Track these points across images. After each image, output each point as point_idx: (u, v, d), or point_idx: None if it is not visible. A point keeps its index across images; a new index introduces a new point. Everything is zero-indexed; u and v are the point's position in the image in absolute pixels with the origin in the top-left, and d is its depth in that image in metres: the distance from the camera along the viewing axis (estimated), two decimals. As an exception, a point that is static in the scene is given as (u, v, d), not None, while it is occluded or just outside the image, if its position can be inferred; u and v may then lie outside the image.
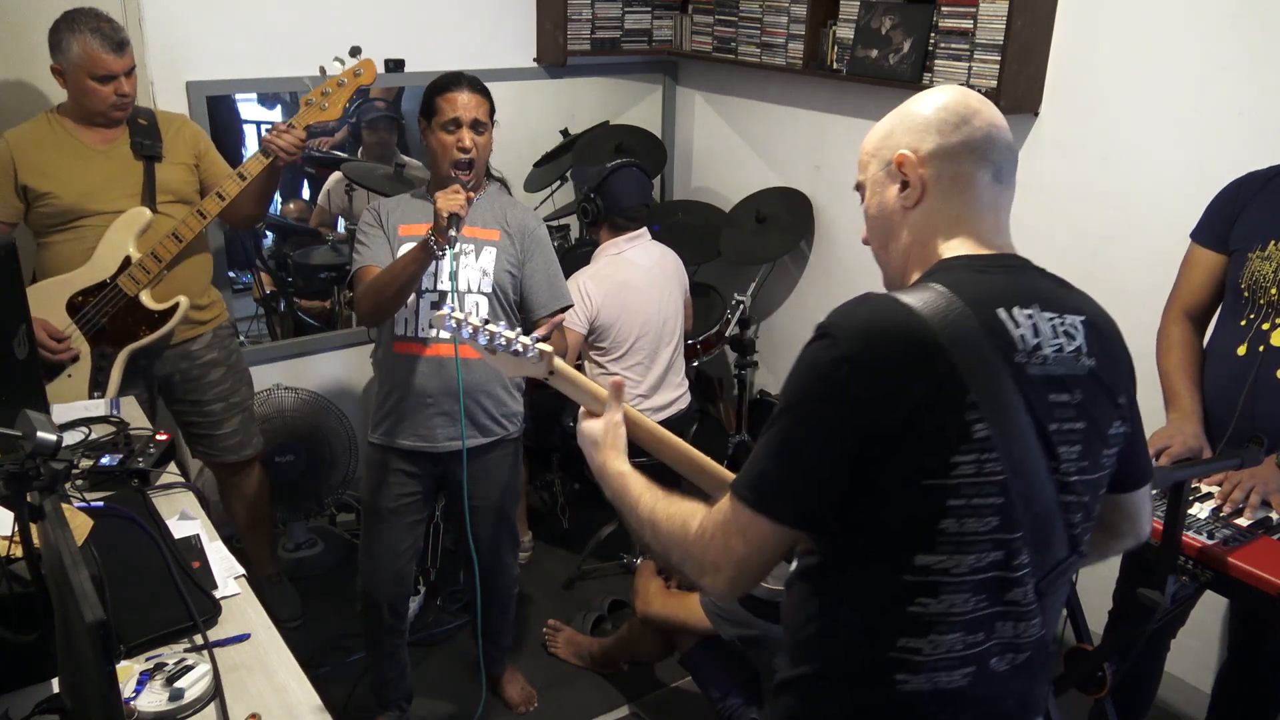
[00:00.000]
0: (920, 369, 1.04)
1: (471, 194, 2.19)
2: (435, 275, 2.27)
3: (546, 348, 1.40)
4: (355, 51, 2.47)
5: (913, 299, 1.07)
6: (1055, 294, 1.16)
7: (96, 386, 2.54)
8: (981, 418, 1.03)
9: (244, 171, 2.49)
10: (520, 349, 1.39)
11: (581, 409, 1.44)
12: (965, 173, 1.17)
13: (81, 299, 2.50)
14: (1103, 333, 1.17)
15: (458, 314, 1.44)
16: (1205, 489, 1.95)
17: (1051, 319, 1.12)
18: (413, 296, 2.27)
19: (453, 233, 2.11)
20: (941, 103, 1.18)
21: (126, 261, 2.50)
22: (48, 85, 2.65)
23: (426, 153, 2.33)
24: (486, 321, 1.41)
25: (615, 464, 1.36)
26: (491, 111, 2.30)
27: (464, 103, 2.25)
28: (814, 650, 1.17)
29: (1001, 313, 1.09)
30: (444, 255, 2.16)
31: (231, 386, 2.84)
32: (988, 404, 1.03)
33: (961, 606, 1.08)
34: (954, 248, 1.17)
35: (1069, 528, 1.13)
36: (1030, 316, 1.11)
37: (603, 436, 1.38)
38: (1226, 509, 1.86)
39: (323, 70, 2.46)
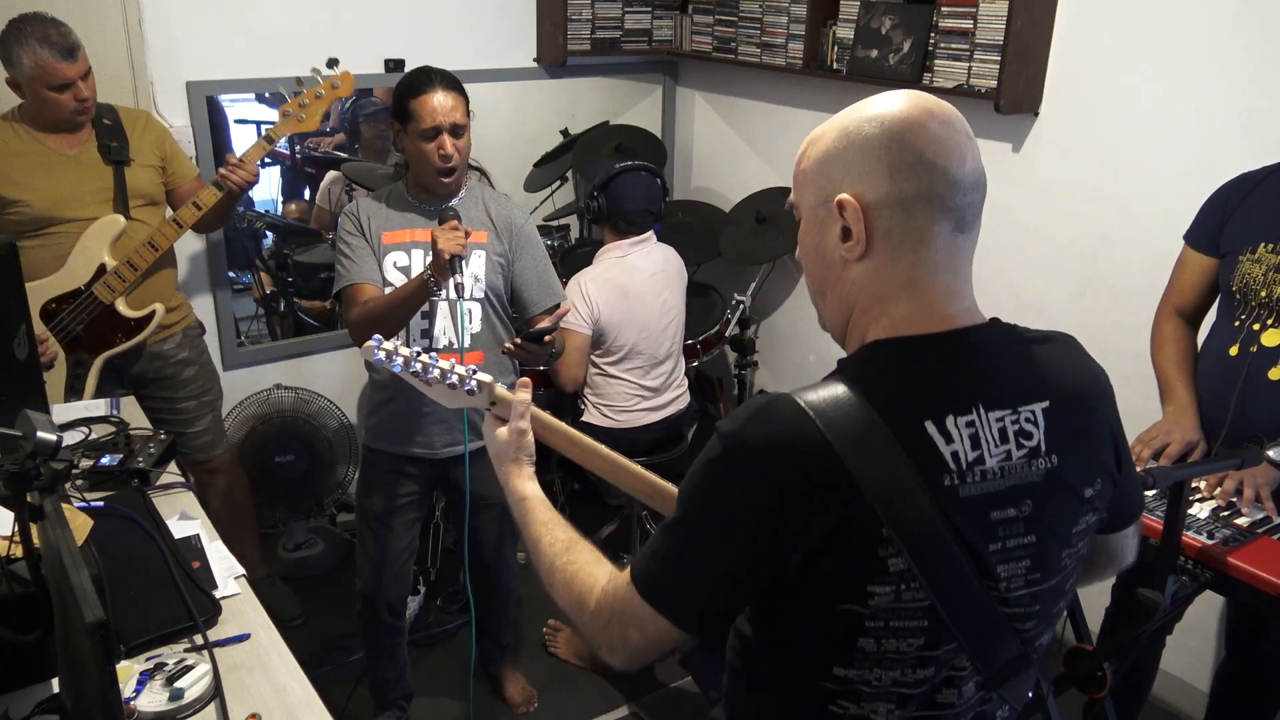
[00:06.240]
0: (824, 500, 0.91)
1: (469, 230, 2.15)
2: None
3: (486, 378, 1.32)
4: (333, 63, 2.48)
5: (822, 408, 0.93)
6: (1012, 378, 1.00)
7: (73, 392, 2.53)
8: (898, 551, 0.91)
9: (199, 201, 2.50)
10: (456, 381, 1.30)
11: (488, 415, 1.29)
12: (920, 228, 0.97)
13: (55, 306, 2.49)
14: (1073, 410, 1.01)
15: (386, 345, 1.35)
16: (1201, 490, 1.95)
17: (1001, 419, 0.97)
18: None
19: (457, 278, 2.09)
20: (895, 130, 0.97)
21: (101, 269, 2.49)
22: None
23: (406, 154, 2.28)
24: (419, 353, 1.33)
25: (517, 483, 1.22)
26: (467, 106, 2.23)
27: (439, 106, 2.15)
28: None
29: (930, 427, 0.94)
30: (440, 292, 2.13)
31: (204, 385, 2.86)
32: (904, 538, 0.91)
33: (886, 717, 1.00)
34: (898, 318, 0.99)
35: (1019, 633, 1.02)
36: (971, 424, 0.95)
37: (504, 448, 1.24)
38: (1219, 501, 1.87)
39: (299, 82, 2.47)
